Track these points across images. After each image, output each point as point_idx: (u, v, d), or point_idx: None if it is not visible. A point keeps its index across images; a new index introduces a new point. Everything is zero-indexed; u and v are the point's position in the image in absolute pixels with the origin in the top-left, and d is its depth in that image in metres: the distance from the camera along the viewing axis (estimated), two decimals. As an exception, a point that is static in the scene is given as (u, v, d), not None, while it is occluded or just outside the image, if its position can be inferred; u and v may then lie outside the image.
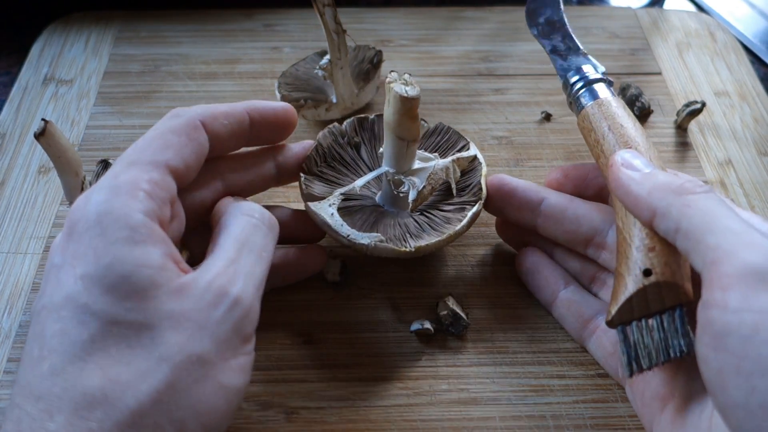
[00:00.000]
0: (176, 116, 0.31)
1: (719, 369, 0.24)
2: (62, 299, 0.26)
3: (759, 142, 0.47)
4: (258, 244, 0.30)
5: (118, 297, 0.25)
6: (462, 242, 0.41)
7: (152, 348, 0.25)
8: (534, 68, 0.52)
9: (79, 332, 0.25)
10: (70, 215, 0.28)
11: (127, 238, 0.26)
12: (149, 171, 0.29)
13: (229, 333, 0.27)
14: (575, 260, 0.37)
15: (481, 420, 0.33)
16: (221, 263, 0.28)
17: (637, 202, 0.30)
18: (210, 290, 0.27)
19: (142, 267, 0.26)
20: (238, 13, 0.56)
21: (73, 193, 0.37)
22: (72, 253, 0.27)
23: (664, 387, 0.30)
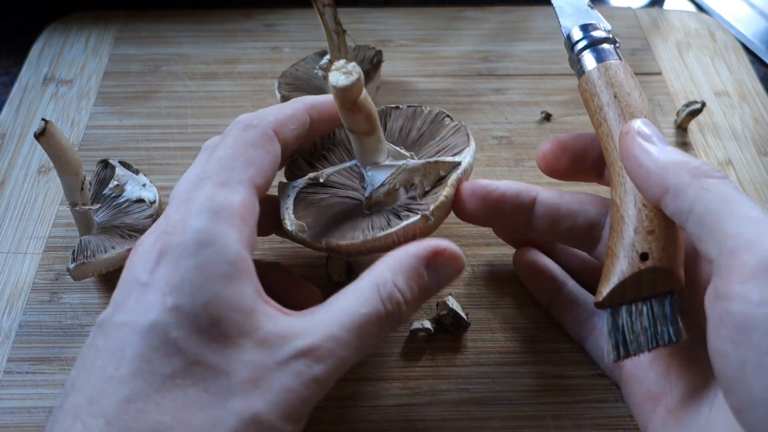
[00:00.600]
0: (250, 127, 0.30)
1: (740, 364, 0.23)
2: (149, 325, 0.25)
3: (759, 142, 0.47)
4: (370, 336, 0.27)
5: (208, 339, 0.25)
6: (462, 242, 0.41)
7: (226, 398, 0.25)
8: (534, 68, 0.52)
9: (164, 365, 0.24)
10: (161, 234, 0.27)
11: (226, 274, 0.26)
12: (241, 192, 0.28)
13: (297, 404, 0.26)
14: (575, 257, 0.37)
15: (481, 420, 0.33)
16: (322, 335, 0.26)
17: (649, 177, 0.28)
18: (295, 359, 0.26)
19: (235, 312, 0.25)
20: (238, 13, 0.56)
21: (74, 193, 0.37)
22: (164, 277, 0.26)
23: (656, 386, 0.30)
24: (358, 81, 0.30)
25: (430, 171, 0.34)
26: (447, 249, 0.29)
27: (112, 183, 0.41)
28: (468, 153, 0.35)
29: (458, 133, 0.37)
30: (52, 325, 0.37)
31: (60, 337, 0.36)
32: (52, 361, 0.35)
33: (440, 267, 0.29)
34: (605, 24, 0.35)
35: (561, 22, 0.36)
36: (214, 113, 0.49)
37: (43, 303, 0.38)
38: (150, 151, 0.46)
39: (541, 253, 0.37)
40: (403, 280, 0.28)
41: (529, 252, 0.38)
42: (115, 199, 0.41)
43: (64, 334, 0.36)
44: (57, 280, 0.39)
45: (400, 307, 0.28)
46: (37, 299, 0.38)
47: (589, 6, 0.36)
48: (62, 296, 0.38)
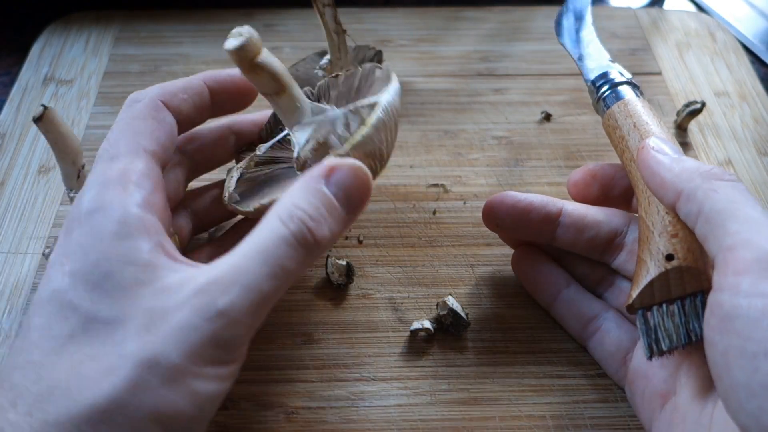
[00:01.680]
0: (135, 101, 0.32)
1: (724, 350, 0.24)
2: (49, 294, 0.26)
3: (759, 142, 0.47)
4: (279, 259, 0.26)
5: (102, 294, 0.25)
6: (462, 242, 0.41)
7: (121, 345, 0.24)
8: (534, 68, 0.52)
9: (61, 327, 0.25)
10: (67, 215, 0.28)
11: (115, 232, 0.26)
12: (132, 161, 0.29)
13: (204, 342, 0.24)
14: (584, 264, 0.36)
15: (481, 420, 0.33)
16: (223, 269, 0.26)
17: (663, 183, 0.30)
18: (195, 296, 0.25)
19: (127, 264, 0.26)
20: (238, 13, 0.56)
21: (70, 180, 0.37)
22: (63, 250, 0.27)
23: (665, 384, 0.30)
24: (248, 41, 0.30)
25: (351, 119, 0.33)
26: (341, 162, 0.28)
27: None
28: (386, 92, 0.32)
29: (385, 78, 0.35)
30: (52, 325, 0.37)
31: (60, 337, 0.36)
32: (52, 361, 0.35)
33: (342, 182, 0.28)
34: (627, 74, 0.38)
35: (584, 71, 0.39)
36: (214, 113, 0.49)
37: (43, 303, 0.38)
38: (150, 151, 0.46)
39: (542, 253, 0.37)
40: (302, 198, 0.27)
41: (529, 252, 0.37)
42: None
43: (64, 334, 0.36)
44: (57, 280, 0.39)
45: (305, 223, 0.27)
46: (37, 299, 0.38)
47: (610, 60, 0.39)
48: (62, 296, 0.38)
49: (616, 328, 0.34)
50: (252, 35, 0.30)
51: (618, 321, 0.34)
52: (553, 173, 0.45)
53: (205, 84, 0.34)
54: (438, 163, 0.45)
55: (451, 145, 0.47)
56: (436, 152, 0.46)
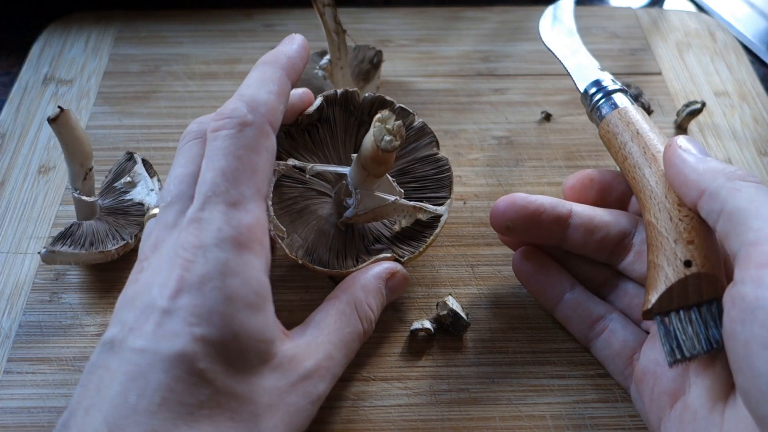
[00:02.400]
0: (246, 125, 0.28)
1: (746, 341, 0.24)
2: (175, 355, 0.24)
3: (759, 142, 0.47)
4: (352, 351, 0.32)
5: (234, 369, 0.25)
6: (462, 242, 0.41)
7: (252, 425, 0.26)
8: (534, 68, 0.52)
9: (190, 395, 0.24)
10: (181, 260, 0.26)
11: (252, 305, 0.26)
12: (254, 211, 0.27)
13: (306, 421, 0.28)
14: (587, 266, 0.36)
15: (481, 420, 0.33)
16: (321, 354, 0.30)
17: (687, 181, 0.30)
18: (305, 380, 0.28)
19: (260, 343, 0.27)
20: (238, 13, 0.56)
21: (76, 181, 0.38)
22: (188, 307, 0.25)
23: (674, 383, 0.30)
24: (401, 145, 0.32)
25: (412, 214, 0.37)
26: (399, 270, 0.35)
27: (126, 178, 0.41)
28: (448, 206, 0.37)
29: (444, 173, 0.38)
30: (52, 325, 0.37)
31: (60, 337, 0.36)
32: (52, 361, 0.35)
33: (393, 285, 0.35)
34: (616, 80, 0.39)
35: (575, 81, 0.40)
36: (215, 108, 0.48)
37: (43, 303, 0.38)
38: (150, 151, 0.46)
39: (545, 255, 0.36)
40: (372, 299, 0.33)
41: (531, 254, 0.36)
42: (123, 194, 0.41)
43: (64, 334, 0.36)
44: (57, 280, 0.39)
45: (372, 323, 0.33)
46: (37, 299, 0.38)
47: (599, 69, 0.40)
48: (62, 296, 0.38)
49: (622, 329, 0.34)
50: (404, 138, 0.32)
51: (624, 322, 0.34)
52: (553, 173, 0.45)
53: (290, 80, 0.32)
54: (438, 163, 0.45)
55: (451, 145, 0.47)
56: (436, 152, 0.46)
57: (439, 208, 0.37)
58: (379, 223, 0.38)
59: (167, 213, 0.29)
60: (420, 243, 0.36)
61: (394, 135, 0.31)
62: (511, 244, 0.38)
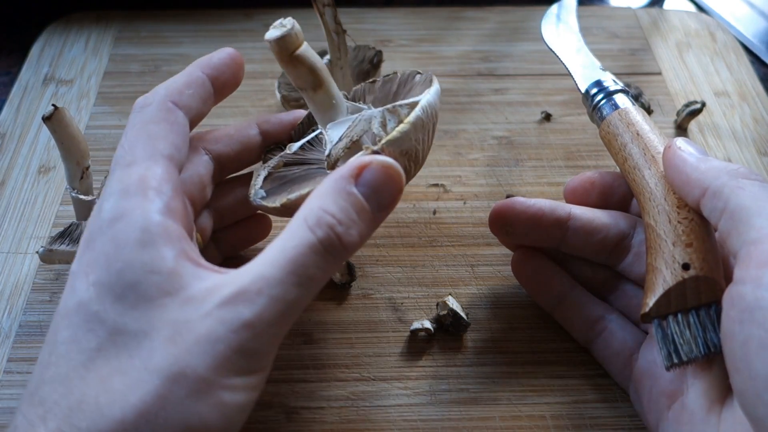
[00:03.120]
0: (145, 106, 0.31)
1: (744, 341, 0.24)
2: (75, 305, 0.25)
3: (759, 142, 0.47)
4: (306, 268, 0.25)
5: (128, 305, 0.25)
6: (462, 242, 0.41)
7: (148, 358, 0.24)
8: (534, 68, 0.52)
9: (88, 340, 0.25)
10: (86, 225, 0.28)
11: (138, 240, 0.26)
12: (150, 166, 0.28)
13: (231, 353, 0.24)
14: (587, 266, 0.36)
15: (481, 420, 0.33)
16: (249, 278, 0.25)
17: (689, 180, 0.29)
18: (221, 307, 0.25)
19: (151, 273, 0.25)
20: (238, 13, 0.56)
21: (73, 180, 0.38)
22: (87, 260, 0.26)
23: (672, 384, 0.30)
24: (291, 31, 0.30)
25: (389, 119, 0.32)
26: (372, 160, 0.27)
27: None
28: (427, 92, 0.31)
29: (425, 82, 0.34)
30: (52, 325, 0.37)
31: (60, 337, 0.36)
32: (52, 361, 0.35)
33: (372, 182, 0.27)
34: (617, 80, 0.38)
35: (577, 81, 0.40)
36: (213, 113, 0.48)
37: (43, 303, 0.38)
38: (150, 151, 0.46)
39: (544, 256, 0.36)
40: (330, 201, 0.26)
41: (530, 255, 0.36)
42: None
43: (64, 334, 0.36)
44: (57, 280, 0.39)
45: (333, 229, 0.26)
46: (37, 299, 0.38)
47: (601, 69, 0.39)
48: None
49: (621, 330, 0.34)
50: (294, 27, 0.31)
51: (623, 323, 0.34)
52: (553, 173, 0.45)
53: (203, 74, 0.33)
54: (438, 163, 0.45)
55: (451, 145, 0.47)
56: (436, 152, 0.46)
57: (416, 98, 0.32)
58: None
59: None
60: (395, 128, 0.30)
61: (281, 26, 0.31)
62: (510, 244, 0.38)
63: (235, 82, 0.34)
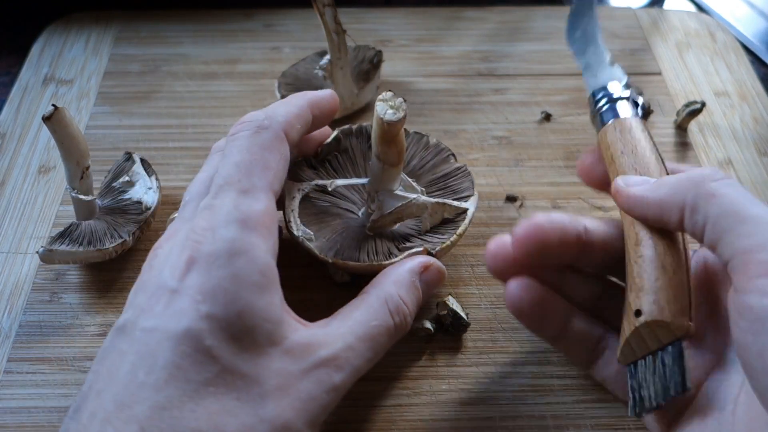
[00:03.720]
0: (263, 129, 0.31)
1: (760, 351, 0.24)
2: (182, 332, 0.25)
3: (759, 142, 0.47)
4: (381, 346, 0.30)
5: (241, 348, 0.25)
6: (462, 242, 0.41)
7: (258, 406, 0.25)
8: (534, 68, 0.52)
9: (197, 372, 0.25)
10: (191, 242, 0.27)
11: (258, 284, 0.26)
12: (263, 200, 0.29)
13: (319, 411, 0.27)
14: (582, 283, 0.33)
15: (481, 420, 0.33)
16: (341, 345, 0.28)
17: (662, 205, 0.29)
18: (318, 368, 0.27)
19: (266, 322, 0.26)
20: (238, 13, 0.56)
21: (73, 180, 0.38)
22: (196, 285, 0.26)
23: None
24: (404, 117, 0.32)
25: (437, 210, 0.37)
26: (434, 263, 0.34)
27: (124, 177, 0.41)
28: (473, 202, 0.38)
29: (463, 176, 0.39)
30: (52, 325, 0.37)
31: (60, 337, 0.36)
32: (52, 361, 0.35)
33: (428, 278, 0.34)
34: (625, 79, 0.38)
35: (586, 80, 0.39)
36: (214, 113, 0.49)
37: (43, 303, 0.38)
38: (150, 151, 0.46)
39: (540, 285, 0.31)
40: (405, 293, 0.32)
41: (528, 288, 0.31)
42: (122, 194, 0.41)
43: (64, 334, 0.36)
44: (57, 280, 0.39)
45: (406, 318, 0.31)
46: (37, 299, 0.38)
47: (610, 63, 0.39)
48: (62, 296, 0.38)
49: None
50: (406, 112, 0.32)
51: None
52: (553, 173, 0.45)
53: (311, 113, 0.34)
54: (438, 163, 0.45)
55: (451, 145, 0.46)
56: (436, 152, 0.46)
57: (464, 203, 0.37)
58: (408, 228, 0.38)
59: (185, 209, 0.31)
60: (450, 234, 0.36)
61: (396, 109, 0.32)
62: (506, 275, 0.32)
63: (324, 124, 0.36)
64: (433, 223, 0.37)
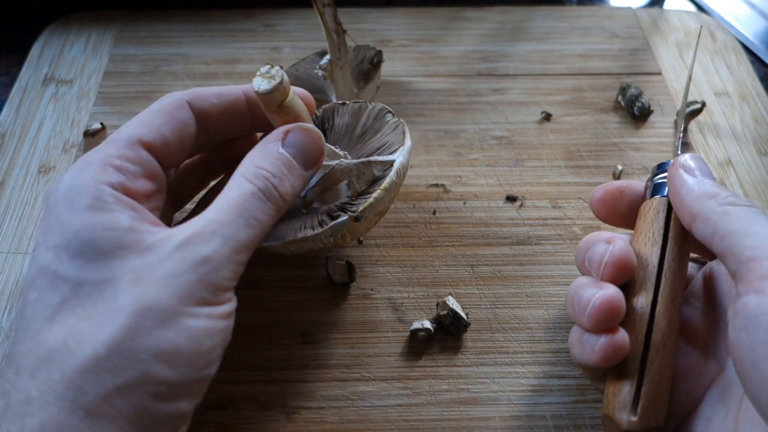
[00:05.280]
0: (165, 97, 0.33)
1: (752, 347, 0.25)
2: (36, 270, 0.27)
3: (759, 142, 0.47)
4: (251, 211, 0.29)
5: (86, 260, 0.27)
6: (462, 242, 0.41)
7: (113, 301, 0.26)
8: (534, 68, 0.52)
9: (51, 297, 0.26)
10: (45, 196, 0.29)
11: (92, 206, 0.27)
12: (121, 147, 0.30)
13: (192, 285, 0.27)
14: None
15: (481, 420, 0.33)
16: (202, 223, 0.28)
17: (683, 204, 0.30)
18: (179, 248, 0.27)
19: (107, 230, 0.27)
20: (238, 13, 0.57)
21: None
22: (44, 228, 0.28)
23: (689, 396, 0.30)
24: (279, 85, 0.31)
25: (363, 171, 0.35)
26: (296, 125, 0.32)
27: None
28: (401, 153, 0.35)
29: (396, 130, 0.37)
30: (52, 325, 0.37)
31: (60, 337, 0.36)
32: (52, 361, 0.35)
33: (295, 141, 0.32)
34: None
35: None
36: (214, 113, 0.48)
37: (43, 303, 0.38)
38: (150, 151, 0.46)
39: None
40: (262, 159, 0.31)
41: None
42: None
43: (64, 334, 0.36)
44: (57, 280, 0.39)
45: (269, 180, 0.30)
46: (37, 299, 0.38)
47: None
48: (62, 296, 0.38)
49: None
50: (282, 79, 0.31)
51: None
52: (553, 173, 0.45)
53: (244, 94, 0.34)
54: (438, 163, 0.45)
55: (451, 145, 0.47)
56: (436, 152, 0.46)
57: (391, 156, 0.35)
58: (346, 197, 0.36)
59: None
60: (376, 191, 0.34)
61: (270, 78, 0.31)
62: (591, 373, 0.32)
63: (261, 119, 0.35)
64: (363, 186, 0.35)
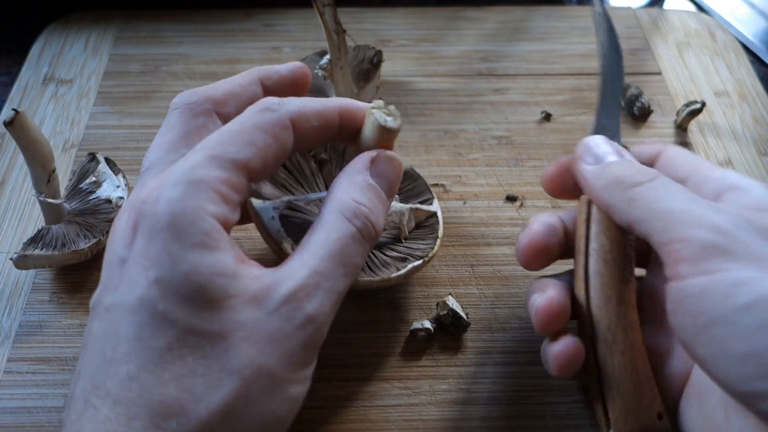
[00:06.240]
0: (268, 110, 0.29)
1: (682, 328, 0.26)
2: (136, 302, 0.25)
3: (759, 142, 0.47)
4: (351, 258, 0.28)
5: (196, 307, 0.25)
6: (462, 242, 0.41)
7: (225, 359, 0.25)
8: (534, 68, 0.52)
9: (156, 339, 0.24)
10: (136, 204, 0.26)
11: (202, 243, 0.25)
12: (228, 171, 0.27)
13: (298, 348, 0.26)
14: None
15: (481, 420, 0.33)
16: (304, 272, 0.27)
17: (594, 195, 0.31)
18: (285, 304, 0.26)
19: (217, 276, 0.25)
20: (238, 13, 0.56)
21: (39, 184, 0.38)
22: (141, 251, 0.25)
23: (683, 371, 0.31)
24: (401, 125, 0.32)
25: (413, 216, 0.38)
26: (380, 153, 0.31)
27: (91, 178, 0.41)
28: (437, 204, 0.39)
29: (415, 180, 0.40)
30: (52, 325, 0.37)
31: (60, 337, 0.36)
32: (52, 361, 0.35)
33: (382, 171, 0.31)
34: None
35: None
36: (214, 113, 0.48)
37: (43, 303, 0.38)
38: (150, 151, 0.46)
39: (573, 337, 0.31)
40: (359, 194, 0.29)
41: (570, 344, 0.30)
42: (89, 195, 0.40)
43: (64, 334, 0.36)
44: (57, 280, 0.39)
45: (368, 218, 0.29)
46: (37, 299, 0.38)
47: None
48: (62, 296, 0.38)
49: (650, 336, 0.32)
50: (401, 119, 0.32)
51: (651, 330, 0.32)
52: (553, 173, 0.45)
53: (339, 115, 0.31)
54: (438, 163, 0.45)
55: (451, 145, 0.47)
56: (436, 152, 0.46)
57: (431, 207, 0.39)
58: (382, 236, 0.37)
59: (144, 177, 0.29)
60: (429, 237, 0.37)
61: (394, 116, 0.32)
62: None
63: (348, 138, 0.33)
64: (410, 229, 0.38)
